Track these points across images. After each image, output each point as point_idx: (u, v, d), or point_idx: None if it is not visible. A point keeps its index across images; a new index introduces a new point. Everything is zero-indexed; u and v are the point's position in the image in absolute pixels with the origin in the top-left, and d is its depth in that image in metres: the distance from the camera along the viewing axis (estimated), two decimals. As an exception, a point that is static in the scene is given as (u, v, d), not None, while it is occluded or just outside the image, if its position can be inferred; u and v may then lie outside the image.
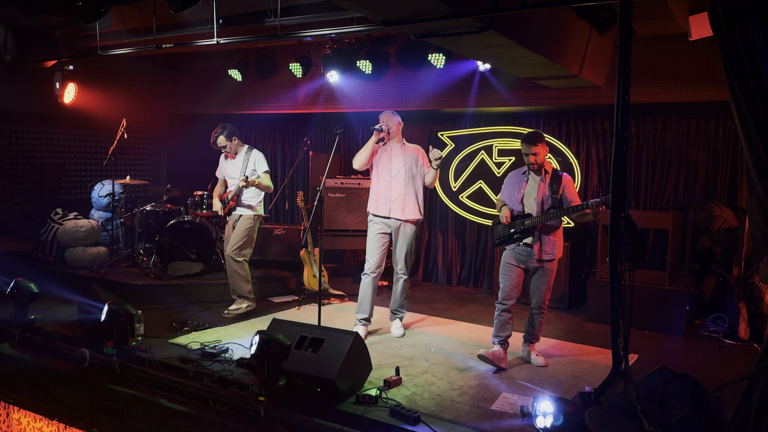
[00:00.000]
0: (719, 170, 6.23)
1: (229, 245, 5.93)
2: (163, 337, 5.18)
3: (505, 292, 4.72)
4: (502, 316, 4.70)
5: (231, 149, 5.99)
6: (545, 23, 4.81)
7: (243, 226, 5.93)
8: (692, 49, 5.64)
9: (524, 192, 4.69)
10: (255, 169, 5.97)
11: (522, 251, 4.67)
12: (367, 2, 3.86)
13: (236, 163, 6.02)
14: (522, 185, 4.72)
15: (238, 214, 6.00)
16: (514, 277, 4.70)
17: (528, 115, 7.23)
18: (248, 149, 6.05)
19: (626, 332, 2.79)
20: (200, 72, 8.98)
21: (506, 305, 4.70)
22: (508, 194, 4.81)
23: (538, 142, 4.56)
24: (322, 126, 8.70)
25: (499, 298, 4.75)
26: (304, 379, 3.89)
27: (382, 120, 5.36)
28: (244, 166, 5.97)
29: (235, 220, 6.00)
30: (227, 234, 6.09)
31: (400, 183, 5.32)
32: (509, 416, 3.76)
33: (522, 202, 4.69)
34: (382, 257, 5.39)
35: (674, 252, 5.88)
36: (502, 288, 4.74)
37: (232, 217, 6.05)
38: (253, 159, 5.99)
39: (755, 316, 5.42)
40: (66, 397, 4.70)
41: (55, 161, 8.36)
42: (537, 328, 4.79)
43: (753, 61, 2.36)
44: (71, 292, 5.45)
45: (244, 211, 5.97)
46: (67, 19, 6.15)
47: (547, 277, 4.68)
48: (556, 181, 4.60)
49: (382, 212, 5.35)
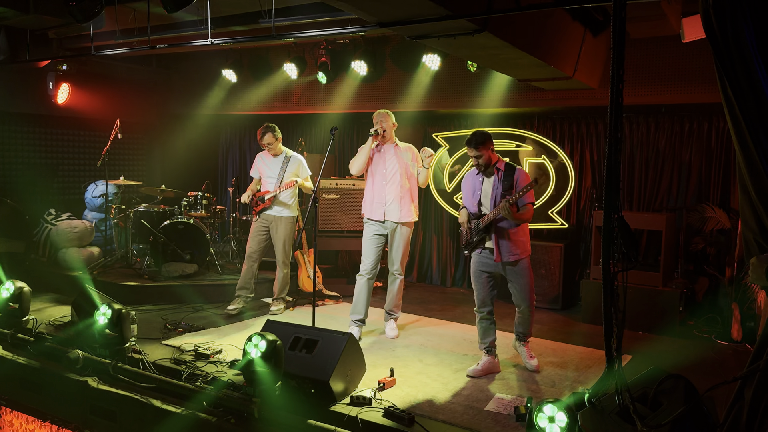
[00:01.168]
0: (712, 172, 6.26)
1: (277, 251, 6.06)
2: (157, 338, 5.17)
3: (479, 299, 4.63)
4: (482, 323, 4.62)
5: (275, 148, 6.04)
6: (539, 25, 4.83)
7: (285, 231, 6.04)
8: (685, 51, 5.67)
9: (480, 193, 4.56)
10: (298, 175, 6.05)
11: (486, 255, 4.56)
12: (361, 3, 3.86)
13: (275, 164, 6.08)
14: (478, 186, 4.58)
15: (274, 215, 6.04)
16: (484, 283, 4.60)
17: (522, 116, 7.25)
18: (288, 151, 6.13)
19: (619, 333, 2.80)
20: (194, 72, 8.96)
21: (483, 312, 4.61)
22: (466, 197, 4.69)
23: (479, 145, 4.41)
24: (317, 127, 8.69)
25: (476, 305, 4.67)
26: (298, 381, 3.88)
27: (376, 121, 5.33)
28: (283, 168, 6.03)
29: (270, 222, 6.05)
30: (254, 232, 6.11)
31: (395, 186, 5.30)
32: (503, 417, 3.77)
33: (480, 203, 4.56)
34: (377, 259, 5.38)
35: (667, 253, 5.90)
36: (476, 296, 4.65)
37: (265, 217, 6.07)
38: (296, 163, 6.08)
39: (748, 317, 5.44)
40: (58, 399, 4.68)
41: (48, 161, 8.32)
42: (526, 329, 4.67)
43: (745, 64, 2.38)
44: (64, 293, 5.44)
45: (281, 211, 6.03)
46: (61, 19, 6.13)
47: (520, 277, 4.50)
48: (509, 176, 4.45)
49: (377, 216, 5.34)
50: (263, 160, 6.19)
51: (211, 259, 7.14)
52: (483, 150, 4.44)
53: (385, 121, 5.30)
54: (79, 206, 8.10)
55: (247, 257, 6.13)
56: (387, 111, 5.42)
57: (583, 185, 6.94)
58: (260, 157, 6.25)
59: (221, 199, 9.32)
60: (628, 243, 2.75)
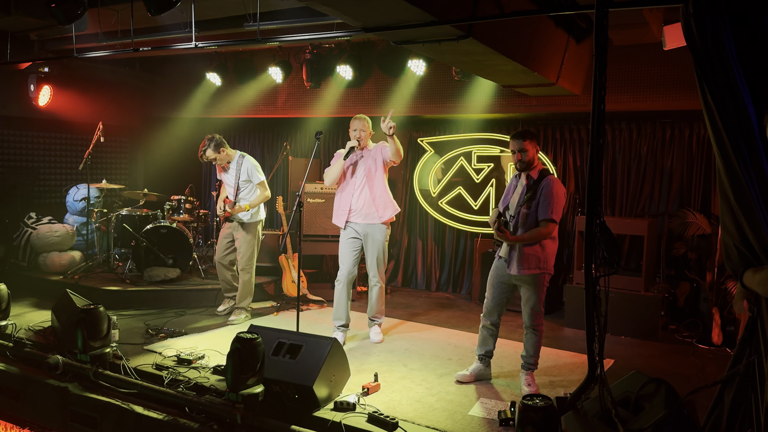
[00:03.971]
0: (693, 178, 6.33)
1: (239, 257, 5.93)
2: (139, 343, 5.12)
3: (487, 307, 4.43)
4: (484, 332, 4.46)
5: (221, 160, 5.90)
6: (523, 32, 4.86)
7: (247, 237, 5.93)
8: (667, 58, 5.74)
9: (510, 198, 4.36)
10: (250, 179, 5.92)
11: (499, 265, 4.35)
12: (346, 8, 3.87)
13: (231, 172, 5.98)
14: (511, 189, 4.39)
15: (237, 223, 5.95)
16: (496, 294, 4.38)
17: (506, 122, 7.30)
18: (240, 157, 5.99)
19: (602, 337, 2.82)
20: (178, 76, 8.91)
21: (487, 321, 4.44)
22: (502, 198, 4.47)
23: (527, 138, 4.19)
24: (302, 131, 8.68)
25: (483, 312, 4.47)
26: (282, 386, 3.86)
27: (354, 127, 5.22)
28: (237, 177, 5.92)
29: (234, 228, 5.97)
30: (221, 237, 6.05)
31: (364, 192, 5.24)
32: (487, 422, 3.77)
33: (507, 208, 4.33)
34: (353, 263, 5.33)
35: (649, 258, 5.96)
36: (485, 303, 4.45)
37: (231, 223, 6.00)
38: (246, 169, 5.91)
39: (728, 321, 5.51)
40: (38, 405, 4.61)
41: (29, 164, 8.21)
42: (531, 352, 4.27)
43: (725, 71, 2.41)
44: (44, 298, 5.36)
45: (244, 216, 5.92)
46: (43, 21, 6.06)
47: (531, 294, 4.19)
48: (534, 188, 4.17)
49: (339, 223, 5.35)
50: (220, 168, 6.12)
51: (194, 264, 7.09)
52: (529, 145, 4.16)
53: (364, 129, 5.23)
54: (61, 210, 8.00)
55: (216, 262, 6.11)
56: (364, 117, 5.30)
57: (566, 191, 6.98)
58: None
59: (204, 203, 9.26)
60: (610, 248, 2.78)
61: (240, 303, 5.99)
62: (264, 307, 6.58)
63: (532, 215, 4.16)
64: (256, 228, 5.99)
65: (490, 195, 7.30)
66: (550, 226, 4.11)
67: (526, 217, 4.17)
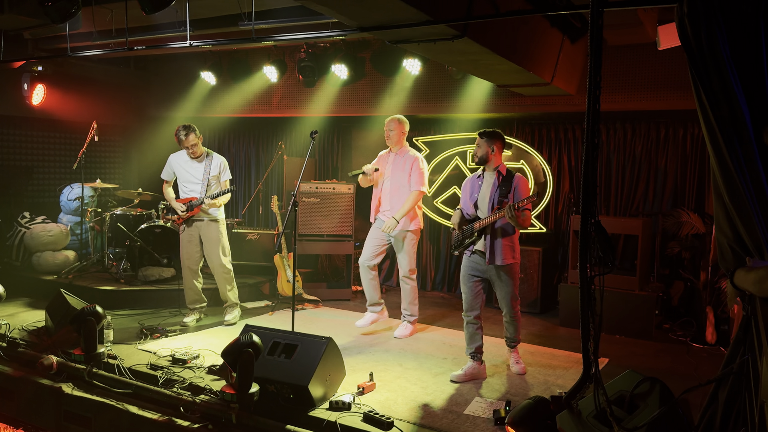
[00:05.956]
0: (687, 177, 6.36)
1: (216, 255, 5.74)
2: (133, 343, 5.11)
3: (467, 303, 4.63)
4: (469, 328, 4.61)
5: (197, 150, 5.70)
6: (518, 31, 4.87)
7: (218, 233, 5.77)
8: (661, 58, 5.76)
9: (478, 195, 4.61)
10: (220, 176, 5.78)
11: (476, 259, 4.58)
12: (342, 7, 3.86)
13: (197, 167, 5.77)
14: (476, 189, 4.64)
15: (203, 222, 5.75)
16: (473, 287, 4.61)
17: (502, 121, 7.30)
18: (208, 152, 5.84)
19: (596, 336, 2.83)
20: (173, 75, 8.88)
21: (470, 316, 4.60)
22: (464, 198, 4.75)
23: (485, 136, 4.56)
24: (297, 130, 8.66)
25: (464, 309, 4.65)
26: (277, 386, 3.86)
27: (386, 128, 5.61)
28: (207, 171, 5.75)
29: (200, 228, 5.76)
30: (186, 243, 5.80)
31: (389, 195, 5.57)
32: (482, 420, 3.78)
33: (476, 205, 4.61)
34: (373, 250, 5.66)
35: (644, 257, 5.98)
36: (464, 300, 4.65)
37: (193, 224, 5.77)
38: (218, 164, 5.79)
39: (722, 320, 5.53)
40: (32, 405, 4.59)
41: (22, 164, 8.18)
42: (514, 333, 4.71)
43: (719, 71, 2.42)
44: (38, 298, 5.34)
45: (210, 216, 5.75)
46: (36, 20, 6.03)
47: (507, 284, 4.54)
48: (508, 182, 4.52)
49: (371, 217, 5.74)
50: (181, 163, 5.82)
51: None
52: (487, 144, 4.55)
53: (393, 130, 5.56)
54: (54, 209, 7.96)
55: (186, 268, 5.82)
56: (398, 117, 5.63)
57: (560, 190, 7.00)
58: (176, 160, 5.85)
59: (200, 202, 9.23)
60: (604, 247, 2.79)
61: (232, 300, 5.91)
62: (259, 307, 6.57)
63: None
64: (224, 223, 5.85)
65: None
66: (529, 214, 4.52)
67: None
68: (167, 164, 5.91)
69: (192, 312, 5.88)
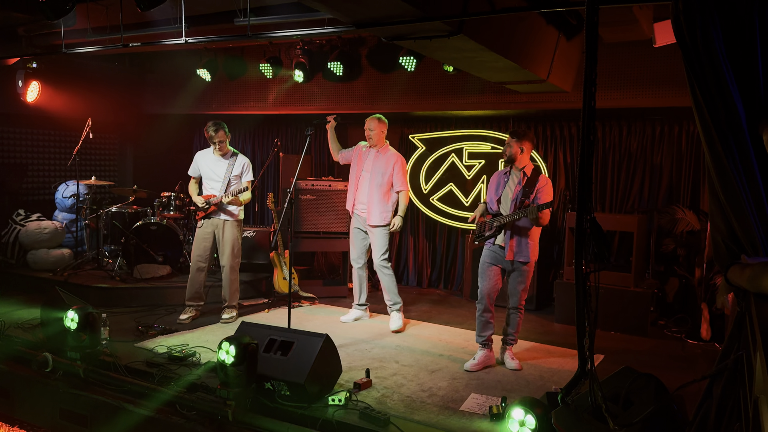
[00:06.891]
0: (683, 174, 6.37)
1: (227, 255, 5.80)
2: (129, 340, 5.10)
3: (483, 291, 4.78)
4: (483, 317, 4.77)
5: (226, 146, 5.83)
6: (514, 28, 4.87)
7: (233, 235, 5.83)
8: (657, 55, 5.77)
9: (502, 192, 4.78)
10: (242, 176, 5.87)
11: (496, 250, 4.76)
12: (337, 4, 3.86)
13: (220, 165, 5.86)
14: (501, 185, 4.81)
15: (221, 220, 5.82)
16: (492, 276, 4.76)
17: (497, 118, 7.31)
18: (233, 152, 5.95)
19: (592, 333, 2.83)
20: (168, 72, 8.85)
21: (485, 304, 4.76)
22: (489, 193, 4.93)
23: (515, 136, 4.70)
24: (293, 127, 8.65)
25: (478, 297, 4.81)
26: (273, 383, 3.86)
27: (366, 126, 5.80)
28: (229, 170, 5.83)
29: (216, 226, 5.83)
30: (200, 238, 5.86)
31: (366, 189, 5.73)
32: (478, 417, 3.79)
33: (499, 201, 4.78)
34: (361, 249, 5.90)
35: (639, 254, 6.00)
36: (480, 288, 4.80)
37: (210, 222, 5.84)
38: (241, 164, 5.89)
39: (716, 316, 5.55)
40: (28, 403, 4.58)
41: (17, 161, 8.14)
42: (514, 329, 4.83)
43: (714, 70, 2.42)
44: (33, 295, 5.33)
45: (228, 216, 5.82)
46: (30, 16, 6.00)
47: (523, 278, 4.74)
48: (532, 183, 4.67)
49: (349, 207, 5.96)
50: (206, 160, 5.92)
51: (185, 261, 7.05)
52: (516, 144, 4.67)
53: (373, 129, 5.72)
54: (49, 207, 7.94)
55: (194, 264, 5.87)
56: (378, 116, 5.79)
57: (556, 187, 7.01)
58: (201, 157, 5.98)
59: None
60: (600, 244, 2.79)
61: (232, 301, 5.94)
62: (255, 304, 6.57)
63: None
64: (240, 225, 5.94)
65: (481, 191, 7.32)
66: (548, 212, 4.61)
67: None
68: (193, 161, 6.08)
69: (188, 309, 5.88)
